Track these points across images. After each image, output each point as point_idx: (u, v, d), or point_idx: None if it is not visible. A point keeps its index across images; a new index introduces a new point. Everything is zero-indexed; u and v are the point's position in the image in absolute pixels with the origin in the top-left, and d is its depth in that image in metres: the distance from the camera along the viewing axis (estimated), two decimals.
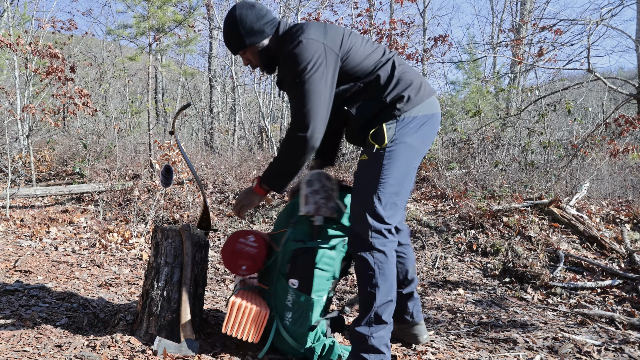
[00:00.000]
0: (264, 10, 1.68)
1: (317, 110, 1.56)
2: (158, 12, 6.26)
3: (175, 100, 16.22)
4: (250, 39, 1.66)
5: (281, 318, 1.80)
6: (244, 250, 1.82)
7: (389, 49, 1.75)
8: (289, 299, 1.78)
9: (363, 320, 1.62)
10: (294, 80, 1.56)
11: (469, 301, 2.84)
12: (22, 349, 1.69)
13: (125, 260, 3.50)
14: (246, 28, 1.64)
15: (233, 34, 1.67)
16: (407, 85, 1.65)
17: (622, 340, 2.23)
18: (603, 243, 3.45)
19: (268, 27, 1.67)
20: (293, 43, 1.56)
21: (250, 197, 1.78)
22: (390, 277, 1.62)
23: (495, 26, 12.86)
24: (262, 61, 1.73)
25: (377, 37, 8.01)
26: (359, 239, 1.62)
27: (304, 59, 1.54)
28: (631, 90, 5.73)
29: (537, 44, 6.79)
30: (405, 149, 1.62)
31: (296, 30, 1.61)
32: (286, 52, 1.58)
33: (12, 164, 6.00)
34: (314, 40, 1.56)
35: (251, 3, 1.67)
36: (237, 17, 1.64)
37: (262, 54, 1.70)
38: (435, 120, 1.70)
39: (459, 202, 4.50)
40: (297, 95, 1.57)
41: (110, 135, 8.36)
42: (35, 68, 6.44)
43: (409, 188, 1.66)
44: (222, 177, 6.01)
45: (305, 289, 1.75)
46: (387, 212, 1.60)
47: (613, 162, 6.30)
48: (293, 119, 1.59)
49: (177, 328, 1.82)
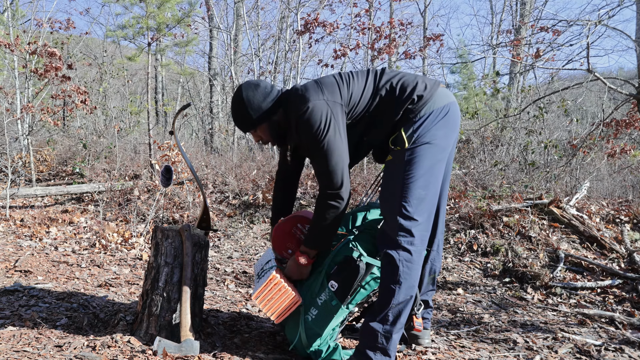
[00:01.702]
0: (269, 87, 1.74)
1: (340, 165, 1.65)
2: (157, 12, 6.26)
3: (175, 100, 16.22)
4: (260, 119, 1.72)
5: (306, 310, 1.80)
6: (297, 235, 1.85)
7: (373, 68, 1.81)
8: (321, 297, 1.78)
9: (378, 316, 1.63)
10: (312, 144, 1.64)
11: (469, 301, 2.84)
12: (22, 349, 1.69)
13: (125, 260, 3.50)
14: (254, 108, 1.71)
15: (242, 115, 1.73)
16: (412, 87, 1.68)
17: (622, 340, 2.23)
18: (603, 243, 3.45)
19: (274, 104, 1.73)
20: (301, 111, 1.63)
21: (301, 271, 1.80)
22: (413, 277, 1.63)
23: (494, 26, 12.87)
24: (272, 136, 1.79)
25: (376, 37, 8.01)
26: (387, 237, 1.65)
27: (315, 122, 1.61)
28: (631, 90, 5.73)
29: (536, 44, 6.79)
30: (427, 146, 1.65)
31: (299, 97, 1.66)
32: (297, 121, 1.65)
33: (12, 164, 6.00)
34: (316, 101, 1.63)
35: (255, 82, 1.74)
36: (244, 99, 1.71)
37: (272, 129, 1.76)
38: (452, 109, 1.72)
39: (459, 202, 4.50)
40: (319, 157, 1.65)
41: (110, 135, 8.36)
42: (34, 68, 6.44)
43: (437, 182, 1.69)
44: (222, 177, 6.01)
45: (341, 295, 1.75)
46: (415, 210, 1.62)
47: (613, 162, 6.31)
48: (320, 179, 1.68)
49: (177, 328, 1.82)
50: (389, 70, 1.76)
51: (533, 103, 6.05)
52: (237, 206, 5.15)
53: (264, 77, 10.47)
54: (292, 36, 9.36)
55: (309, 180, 5.67)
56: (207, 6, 10.93)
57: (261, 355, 1.81)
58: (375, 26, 8.05)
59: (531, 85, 6.91)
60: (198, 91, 14.73)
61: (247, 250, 4.09)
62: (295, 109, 1.66)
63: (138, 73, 13.35)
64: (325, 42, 11.62)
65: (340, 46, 8.12)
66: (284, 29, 10.10)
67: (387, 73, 1.74)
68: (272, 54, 11.21)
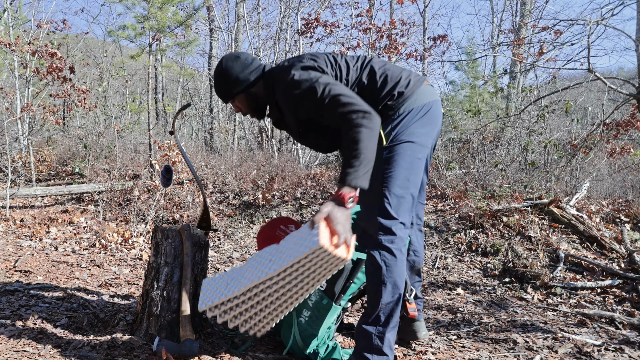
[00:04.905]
0: (249, 59, 1.75)
1: (352, 96, 1.54)
2: (158, 13, 6.26)
3: (175, 100, 16.21)
4: (236, 89, 1.74)
5: (298, 313, 1.80)
6: (282, 236, 1.83)
7: (362, 55, 1.80)
8: (312, 297, 1.78)
9: (370, 318, 1.62)
10: (313, 99, 1.57)
11: (469, 301, 2.84)
12: (22, 349, 1.69)
13: (125, 260, 3.50)
14: (232, 79, 1.73)
15: (221, 85, 1.76)
16: (395, 83, 1.67)
17: (622, 340, 2.23)
18: (603, 243, 3.45)
19: (253, 75, 1.74)
20: (288, 77, 1.61)
21: (345, 215, 1.46)
22: (398, 275, 1.62)
23: (495, 26, 12.87)
24: (250, 107, 1.80)
25: (377, 37, 8.01)
26: (368, 236, 1.64)
27: (306, 79, 1.59)
28: (631, 90, 5.73)
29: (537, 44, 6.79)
30: (406, 144, 1.63)
31: (284, 69, 1.66)
32: (285, 93, 1.62)
33: (12, 164, 6.00)
34: (303, 64, 1.63)
35: (236, 54, 1.76)
36: (223, 69, 1.74)
37: (250, 101, 1.78)
38: (434, 108, 1.70)
39: (459, 202, 4.50)
40: (328, 107, 1.55)
41: (110, 135, 8.36)
42: (34, 68, 6.44)
43: (416, 181, 1.66)
44: (222, 177, 6.01)
45: (331, 294, 1.75)
46: (396, 208, 1.61)
47: (613, 162, 6.31)
48: (345, 120, 1.52)
49: (177, 328, 1.82)
50: (377, 60, 1.75)
51: (533, 103, 6.05)
52: (237, 206, 5.15)
53: None
54: (293, 36, 9.36)
55: (309, 180, 5.67)
56: (208, 7, 10.93)
57: (261, 355, 1.81)
58: (376, 25, 8.06)
59: (532, 85, 6.91)
60: (198, 91, 14.72)
61: (247, 250, 4.09)
62: (281, 81, 1.64)
63: (138, 73, 13.34)
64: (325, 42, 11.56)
65: (342, 46, 8.12)
66: (284, 29, 10.10)
67: (374, 62, 1.73)
68: (272, 54, 11.21)
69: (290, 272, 1.42)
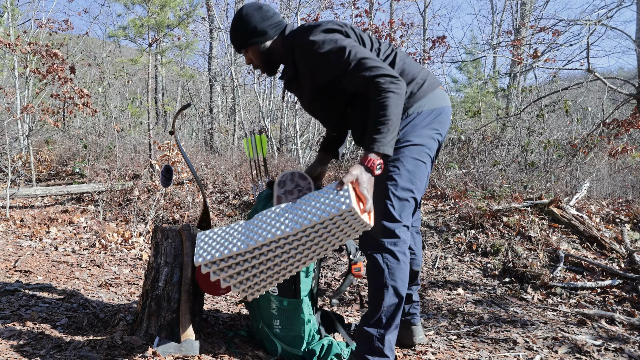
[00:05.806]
0: (271, 12, 1.69)
1: (377, 61, 1.51)
2: (159, 12, 6.26)
3: (175, 100, 16.22)
4: (252, 39, 1.68)
5: (270, 327, 1.79)
6: None
7: (389, 42, 1.76)
8: (272, 307, 1.77)
9: (371, 320, 1.61)
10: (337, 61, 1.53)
11: (469, 301, 2.84)
12: (22, 349, 1.69)
13: (125, 260, 3.50)
14: (249, 28, 1.67)
15: (237, 32, 1.70)
16: (410, 80, 1.64)
17: (622, 340, 2.23)
18: (603, 243, 3.45)
19: (272, 29, 1.68)
20: (314, 34, 1.56)
21: (372, 181, 1.44)
22: (401, 277, 1.60)
23: (495, 26, 12.87)
24: (262, 62, 1.74)
25: (375, 37, 8.01)
26: (370, 239, 1.61)
27: (332, 37, 1.55)
28: (631, 90, 5.73)
29: (536, 44, 6.80)
30: (412, 146, 1.60)
31: (306, 27, 1.60)
32: (307, 45, 1.56)
33: (12, 164, 6.00)
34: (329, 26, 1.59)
35: (259, 4, 1.69)
36: (243, 16, 1.67)
37: (263, 55, 1.71)
38: (444, 113, 1.67)
39: (458, 202, 4.50)
40: (353, 67, 1.51)
41: (110, 135, 8.36)
42: (34, 68, 6.44)
43: (421, 185, 1.65)
44: (222, 177, 6.01)
45: (284, 293, 1.74)
46: (399, 211, 1.59)
47: (613, 162, 6.31)
48: (372, 85, 1.48)
49: (177, 328, 1.82)
50: (401, 52, 1.71)
51: (533, 103, 6.05)
52: (237, 206, 5.15)
53: (263, 77, 10.46)
54: None
55: None
56: (207, 6, 10.93)
57: (261, 355, 1.81)
58: (375, 25, 8.06)
59: (532, 85, 6.91)
60: (198, 91, 14.72)
61: None
62: (304, 39, 1.57)
63: (138, 73, 13.34)
64: None
65: None
66: None
67: (398, 53, 1.69)
68: None
69: (309, 233, 1.35)
